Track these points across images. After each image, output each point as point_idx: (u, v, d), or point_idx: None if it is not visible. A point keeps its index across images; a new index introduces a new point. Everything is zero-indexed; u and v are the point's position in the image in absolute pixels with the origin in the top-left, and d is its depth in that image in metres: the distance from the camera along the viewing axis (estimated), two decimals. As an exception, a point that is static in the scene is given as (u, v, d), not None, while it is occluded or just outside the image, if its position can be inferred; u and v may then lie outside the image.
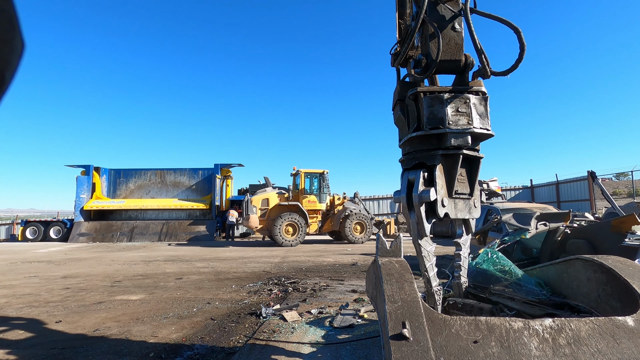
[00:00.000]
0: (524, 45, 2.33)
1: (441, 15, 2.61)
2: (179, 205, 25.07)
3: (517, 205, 9.23)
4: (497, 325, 1.80)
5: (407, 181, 2.50)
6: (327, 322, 5.34)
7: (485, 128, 2.50)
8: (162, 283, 8.70)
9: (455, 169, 2.53)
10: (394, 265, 2.34)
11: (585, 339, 1.74)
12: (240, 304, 6.51)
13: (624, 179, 36.97)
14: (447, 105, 2.46)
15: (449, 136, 2.44)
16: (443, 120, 2.45)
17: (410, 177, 2.50)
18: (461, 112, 2.46)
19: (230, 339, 4.75)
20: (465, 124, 2.45)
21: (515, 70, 2.42)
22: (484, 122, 2.50)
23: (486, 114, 2.53)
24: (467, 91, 2.51)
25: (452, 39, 2.57)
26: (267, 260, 12.89)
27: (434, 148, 2.52)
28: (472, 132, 2.45)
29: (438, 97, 2.48)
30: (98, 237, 23.25)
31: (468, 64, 2.57)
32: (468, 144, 2.45)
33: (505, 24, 2.41)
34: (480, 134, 2.51)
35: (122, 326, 5.35)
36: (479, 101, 2.51)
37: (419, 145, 2.59)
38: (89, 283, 8.82)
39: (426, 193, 2.37)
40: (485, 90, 2.54)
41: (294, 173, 19.71)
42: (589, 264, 2.51)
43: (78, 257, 14.59)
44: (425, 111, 2.48)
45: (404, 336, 1.69)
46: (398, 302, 1.92)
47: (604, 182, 36.96)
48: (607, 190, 8.67)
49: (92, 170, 25.14)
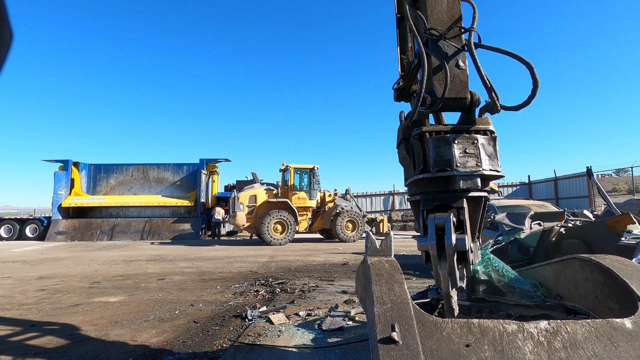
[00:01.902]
0: (537, 81, 2.27)
1: (444, 52, 2.55)
2: (163, 202, 24.87)
3: (514, 203, 9.30)
4: (490, 328, 1.79)
5: (435, 227, 2.37)
6: (316, 324, 5.32)
7: (495, 169, 2.43)
8: (143, 284, 8.62)
9: (477, 212, 2.50)
10: (384, 265, 2.32)
11: (582, 342, 1.73)
12: (225, 306, 6.46)
13: (624, 175, 37.14)
14: (454, 146, 2.40)
15: (457, 179, 2.37)
16: (450, 163, 2.38)
17: (438, 222, 2.36)
18: (469, 153, 2.40)
19: (214, 342, 4.71)
20: (474, 166, 2.38)
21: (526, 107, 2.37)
22: (494, 163, 2.43)
23: (495, 154, 2.46)
24: (475, 131, 2.46)
25: (456, 77, 2.52)
26: (255, 259, 12.85)
27: (444, 191, 2.46)
28: (482, 174, 2.38)
29: (444, 139, 2.43)
30: (77, 235, 23.00)
31: (474, 101, 2.51)
32: (477, 186, 2.39)
33: (515, 58, 2.36)
34: (490, 176, 2.46)
35: (99, 330, 5.28)
36: (487, 141, 2.45)
37: (425, 187, 2.54)
38: (65, 284, 8.71)
39: (462, 241, 2.27)
40: (494, 129, 2.50)
41: (283, 168, 19.65)
42: (586, 264, 2.51)
43: (55, 257, 14.41)
44: (432, 152, 2.43)
45: (393, 340, 1.67)
46: (387, 303, 1.90)
47: (604, 178, 37.30)
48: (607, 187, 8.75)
49: (70, 165, 24.82)
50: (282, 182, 19.62)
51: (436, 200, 2.49)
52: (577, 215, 10.13)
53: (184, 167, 26.51)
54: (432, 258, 2.38)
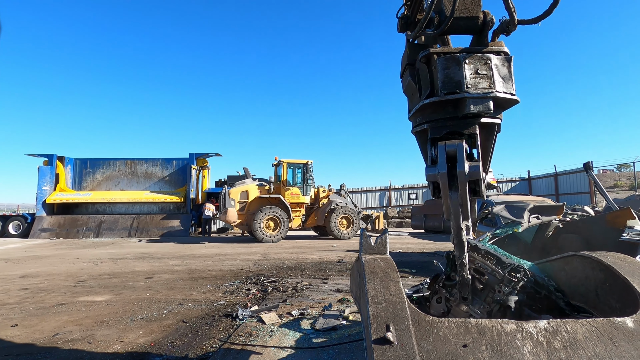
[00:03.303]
0: None
1: None
2: (151, 198, 24.77)
3: (513, 198, 9.34)
4: (489, 327, 1.78)
5: (446, 154, 2.28)
6: (309, 324, 5.32)
7: (510, 92, 2.29)
8: (130, 283, 8.58)
9: (489, 142, 2.41)
10: (379, 263, 2.30)
11: (582, 342, 1.73)
12: (215, 305, 6.44)
13: (626, 170, 37.15)
14: (465, 66, 2.26)
15: (468, 102, 2.24)
16: (460, 84, 2.24)
17: (449, 149, 2.27)
18: (481, 74, 2.26)
19: (203, 343, 4.69)
20: (487, 87, 2.24)
21: (547, 18, 2.21)
22: (508, 85, 2.29)
23: (510, 76, 2.31)
24: (488, 51, 2.32)
25: None
26: (246, 257, 12.84)
27: (453, 117, 2.35)
28: (495, 97, 2.26)
29: (454, 58, 2.29)
30: (62, 232, 22.85)
31: (487, 21, 2.37)
32: (490, 110, 2.26)
33: None
34: (504, 100, 2.32)
35: (84, 330, 5.25)
36: (501, 62, 2.31)
37: (432, 115, 2.41)
38: (50, 283, 8.65)
39: (476, 169, 2.19)
40: (508, 50, 2.37)
41: (276, 163, 19.60)
42: (587, 261, 2.50)
43: (39, 255, 14.31)
44: (440, 74, 2.28)
45: (388, 340, 1.65)
46: (382, 303, 1.89)
47: (605, 173, 37.42)
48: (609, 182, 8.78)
49: (55, 160, 24.61)
50: (274, 178, 19.57)
51: (445, 127, 2.38)
52: (577, 211, 10.18)
53: (173, 162, 26.37)
54: (442, 188, 2.31)
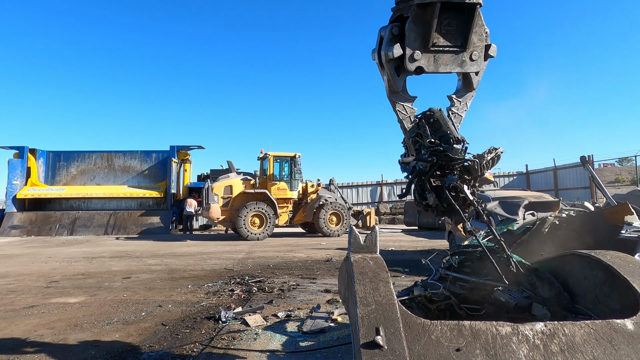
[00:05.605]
0: None
1: None
2: (129, 193, 24.57)
3: (510, 194, 9.37)
4: (483, 330, 1.78)
5: (379, 37, 2.54)
6: (296, 326, 5.32)
7: None
8: (106, 283, 8.51)
9: (432, 19, 2.47)
10: (368, 262, 2.29)
11: (580, 345, 1.73)
12: (197, 307, 6.41)
13: (628, 164, 37.39)
14: None
15: None
16: None
17: (382, 32, 2.52)
18: None
19: (184, 347, 4.66)
20: None
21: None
22: None
23: None
24: None
25: None
26: (230, 256, 12.81)
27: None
28: None
29: None
30: (33, 230, 22.59)
31: None
32: None
33: None
34: None
35: (57, 334, 5.19)
36: None
37: None
38: (20, 284, 8.54)
39: (390, 49, 2.42)
40: None
41: (262, 157, 19.56)
42: (585, 261, 2.52)
43: (9, 254, 14.15)
44: None
45: (377, 344, 1.65)
46: (372, 304, 1.88)
47: (606, 167, 37.76)
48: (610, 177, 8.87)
49: (26, 153, 24.27)
50: (260, 172, 19.49)
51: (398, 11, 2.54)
52: (576, 206, 10.26)
53: (152, 155, 26.17)
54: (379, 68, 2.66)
